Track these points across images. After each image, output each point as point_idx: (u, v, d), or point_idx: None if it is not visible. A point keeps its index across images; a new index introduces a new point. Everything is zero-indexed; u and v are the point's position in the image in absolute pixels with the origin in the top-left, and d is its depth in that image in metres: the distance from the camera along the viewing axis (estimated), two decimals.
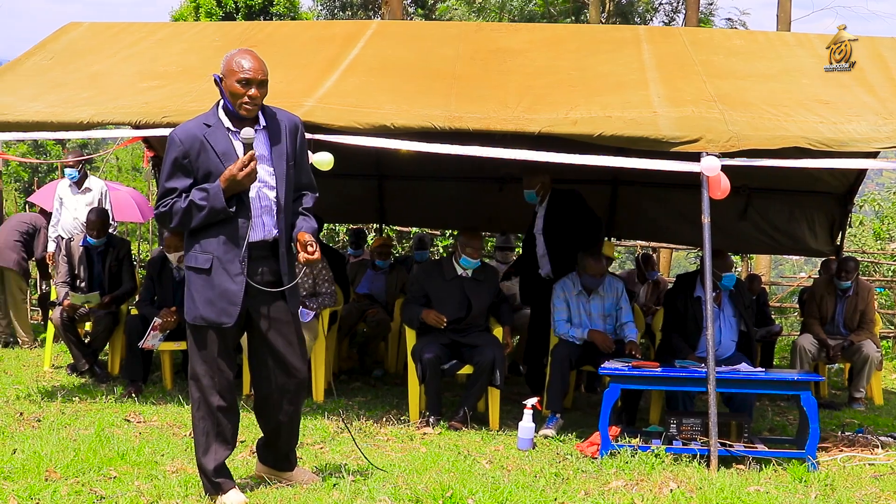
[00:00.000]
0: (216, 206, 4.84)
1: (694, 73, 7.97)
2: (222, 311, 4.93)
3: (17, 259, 11.27)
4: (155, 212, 5.04)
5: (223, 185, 4.84)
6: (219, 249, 4.93)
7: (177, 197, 4.90)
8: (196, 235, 4.97)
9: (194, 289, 4.96)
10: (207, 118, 5.00)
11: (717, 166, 6.50)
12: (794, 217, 11.33)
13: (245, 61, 4.92)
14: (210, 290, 4.92)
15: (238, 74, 4.89)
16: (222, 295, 4.92)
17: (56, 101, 7.91)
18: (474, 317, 7.95)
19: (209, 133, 4.93)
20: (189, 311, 4.99)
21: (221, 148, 4.93)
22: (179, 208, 4.89)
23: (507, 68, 8.28)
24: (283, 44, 9.04)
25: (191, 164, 4.91)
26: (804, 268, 29.35)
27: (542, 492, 5.51)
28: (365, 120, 7.15)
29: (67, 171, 11.00)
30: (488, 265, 8.31)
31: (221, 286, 4.92)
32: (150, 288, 9.00)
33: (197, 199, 4.86)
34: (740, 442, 6.63)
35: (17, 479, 5.32)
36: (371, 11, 30.16)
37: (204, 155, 4.90)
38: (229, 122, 4.99)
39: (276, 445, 5.37)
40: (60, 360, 10.10)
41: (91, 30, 9.69)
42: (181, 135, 4.93)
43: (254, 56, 4.97)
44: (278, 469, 5.44)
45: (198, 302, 4.94)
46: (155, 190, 12.94)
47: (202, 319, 4.93)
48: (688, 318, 7.93)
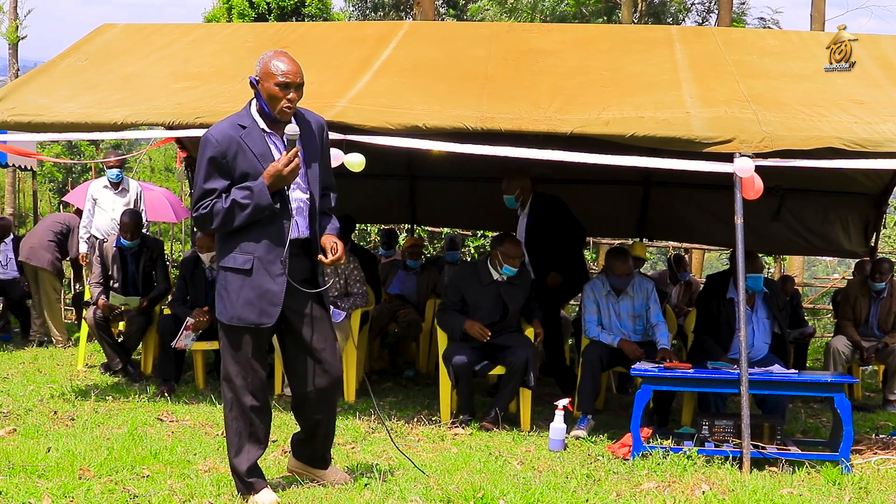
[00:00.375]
0: (262, 202, 4.84)
1: (727, 73, 7.93)
2: (262, 311, 4.93)
3: (50, 259, 11.35)
4: (194, 214, 4.98)
5: (268, 182, 4.85)
6: (259, 250, 4.93)
7: (216, 198, 4.88)
8: (234, 236, 4.96)
9: (231, 290, 4.95)
10: (241, 119, 5.00)
11: (751, 167, 6.46)
12: (827, 218, 11.26)
13: (283, 64, 4.92)
14: (250, 291, 4.92)
15: (277, 77, 4.89)
16: (263, 295, 4.93)
17: (90, 102, 7.97)
18: (509, 320, 7.95)
19: (245, 134, 4.93)
20: (224, 311, 4.98)
21: (259, 149, 4.94)
22: (221, 209, 4.87)
23: (538, 69, 8.26)
24: (316, 45, 9.06)
25: (228, 165, 4.90)
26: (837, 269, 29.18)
27: (574, 493, 5.50)
28: (397, 120, 7.15)
29: (110, 172, 11.03)
30: (522, 267, 8.29)
31: (262, 286, 4.92)
32: (183, 288, 9.04)
33: (239, 198, 4.84)
34: (773, 444, 6.59)
35: (51, 477, 5.36)
36: (403, 12, 30.19)
37: (241, 156, 4.90)
38: (264, 124, 5.01)
39: (313, 443, 5.38)
40: (94, 359, 10.16)
41: (125, 31, 9.75)
42: (217, 135, 4.91)
43: (291, 59, 4.98)
44: (313, 466, 5.45)
45: (236, 303, 4.93)
46: (187, 190, 13.02)
47: (240, 320, 4.93)
48: (720, 319, 7.89)
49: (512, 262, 7.85)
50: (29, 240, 11.51)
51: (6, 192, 18.71)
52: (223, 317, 4.99)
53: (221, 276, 5.02)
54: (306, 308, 5.10)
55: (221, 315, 5.00)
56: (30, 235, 11.71)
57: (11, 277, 11.84)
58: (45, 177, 26.77)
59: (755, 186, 6.49)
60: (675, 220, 12.29)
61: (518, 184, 8.75)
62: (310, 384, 5.15)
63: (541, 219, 8.74)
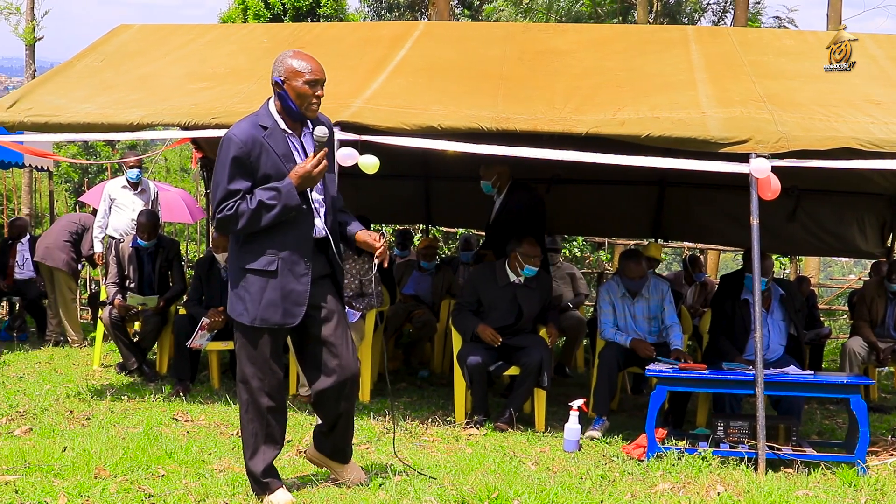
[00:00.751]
0: (290, 203, 4.85)
1: (743, 74, 7.91)
2: (287, 312, 4.94)
3: (66, 259, 11.38)
4: (218, 215, 4.92)
5: (296, 182, 4.86)
6: (284, 251, 4.94)
7: (240, 199, 4.86)
8: (256, 237, 4.94)
9: (253, 291, 4.93)
10: (261, 120, 4.99)
11: (767, 168, 6.44)
12: (843, 218, 11.23)
13: (308, 62, 4.95)
14: (274, 292, 4.91)
15: (305, 75, 4.92)
16: (287, 296, 4.93)
17: (106, 103, 8.00)
18: (523, 323, 7.96)
19: (268, 135, 4.93)
20: (244, 313, 4.96)
21: (282, 150, 4.95)
22: (246, 209, 4.84)
23: (554, 69, 8.26)
24: (331, 45, 9.07)
25: (251, 166, 4.89)
26: (853, 270, 29.09)
27: (588, 494, 5.50)
28: (412, 121, 7.16)
29: (130, 172, 11.04)
30: (543, 273, 8.26)
31: (287, 287, 4.93)
32: (198, 288, 9.06)
33: (266, 198, 4.83)
34: (788, 445, 6.57)
35: (67, 476, 5.39)
36: (418, 13, 30.20)
37: (265, 156, 4.90)
38: (285, 125, 5.02)
39: (334, 437, 5.38)
40: (110, 359, 10.20)
41: (141, 32, 9.78)
42: (241, 136, 4.89)
43: (312, 57, 5.01)
44: (332, 459, 5.45)
45: (259, 304, 4.91)
46: (203, 190, 13.05)
47: (263, 321, 4.93)
48: (735, 320, 7.88)
49: (532, 261, 7.86)
50: (45, 240, 11.56)
51: (23, 192, 18.78)
52: (244, 318, 4.97)
53: (240, 277, 4.99)
54: (324, 303, 5.11)
55: (242, 317, 4.98)
56: (45, 235, 11.76)
57: (28, 277, 11.89)
58: (62, 177, 26.87)
59: (772, 186, 6.46)
60: (690, 221, 12.27)
61: (496, 170, 8.69)
62: (329, 379, 5.15)
63: (512, 206, 8.69)
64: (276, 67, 4.99)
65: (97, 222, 11.20)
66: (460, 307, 8.02)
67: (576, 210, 12.16)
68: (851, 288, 16.96)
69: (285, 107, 4.99)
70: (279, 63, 4.99)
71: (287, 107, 4.99)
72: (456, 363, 7.82)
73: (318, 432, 5.46)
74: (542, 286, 8.10)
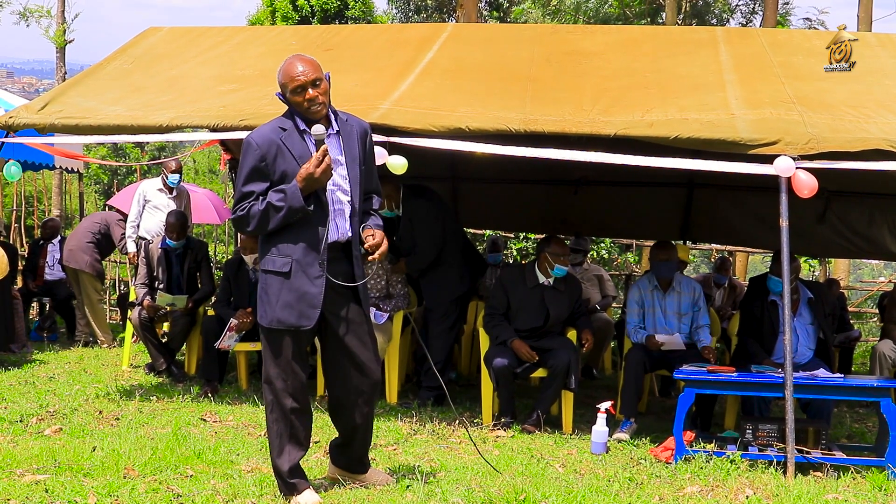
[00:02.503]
0: (294, 205, 4.86)
1: (772, 75, 7.87)
2: (301, 314, 4.95)
3: (89, 261, 11.42)
4: (232, 216, 5.05)
5: (300, 184, 4.87)
6: (297, 252, 4.95)
7: (254, 200, 4.93)
8: (273, 238, 4.99)
9: (271, 292, 4.98)
10: (283, 122, 5.05)
11: (792, 167, 6.40)
12: (874, 221, 11.14)
13: (292, 68, 4.96)
14: (289, 294, 4.94)
15: (290, 84, 4.96)
16: (301, 298, 4.95)
17: (136, 105, 8.04)
18: (551, 325, 7.95)
19: (285, 137, 4.97)
20: (264, 315, 5.01)
21: (298, 151, 4.97)
22: (257, 211, 4.91)
23: (582, 70, 8.24)
24: (359, 47, 9.09)
25: (268, 168, 4.94)
26: (884, 272, 28.87)
27: (616, 496, 5.48)
28: (440, 123, 7.16)
29: (172, 177, 11.08)
30: (573, 276, 8.24)
31: (301, 289, 4.94)
32: (227, 289, 9.09)
33: (274, 200, 4.88)
34: (818, 449, 6.53)
35: (96, 476, 5.42)
36: (446, 15, 30.21)
37: (281, 158, 4.93)
38: (304, 125, 5.04)
39: (351, 448, 5.39)
40: (138, 359, 10.25)
41: (170, 34, 9.84)
42: (258, 139, 4.96)
43: (299, 59, 5.00)
44: (351, 472, 5.46)
45: (275, 306, 4.95)
46: (231, 192, 13.10)
47: (279, 323, 4.96)
48: (764, 322, 7.84)
49: (561, 261, 7.86)
50: (69, 242, 11.63)
51: (53, 193, 18.90)
52: (264, 320, 5.02)
53: (262, 278, 5.06)
54: (344, 311, 5.12)
55: (262, 318, 5.03)
56: (70, 238, 11.82)
57: (58, 278, 11.97)
58: (91, 178, 27.06)
59: (809, 184, 6.39)
60: (718, 223, 12.20)
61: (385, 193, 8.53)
62: (347, 387, 5.18)
63: (406, 219, 8.61)
64: (277, 78, 5.05)
65: (130, 221, 11.22)
66: (492, 313, 8.00)
67: (603, 212, 12.14)
68: (881, 291, 16.83)
69: (295, 112, 5.05)
70: (277, 74, 5.05)
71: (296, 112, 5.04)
72: (483, 365, 7.82)
73: (335, 445, 5.47)
74: (570, 289, 8.07)
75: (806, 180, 6.39)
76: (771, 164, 6.49)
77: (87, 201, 17.19)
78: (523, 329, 7.79)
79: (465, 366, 10.58)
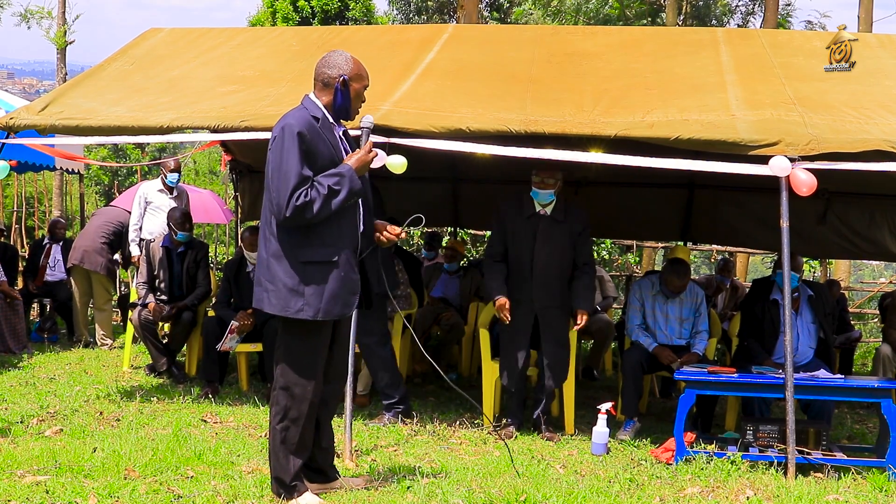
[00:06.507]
0: (355, 187, 4.91)
1: (773, 76, 7.87)
2: (345, 303, 4.96)
3: (104, 263, 11.35)
4: (296, 203, 4.76)
5: (355, 167, 4.95)
6: (342, 241, 4.96)
7: (309, 186, 4.83)
8: (314, 229, 4.90)
9: (316, 284, 4.87)
10: (312, 111, 5.03)
11: (788, 167, 6.38)
12: (874, 221, 11.13)
13: (363, 68, 5.15)
14: (335, 283, 4.89)
15: (365, 81, 5.16)
16: (346, 285, 4.94)
17: (137, 106, 8.04)
18: (546, 264, 7.45)
19: (321, 125, 5.00)
20: (304, 308, 4.86)
21: (333, 140, 5.03)
22: (319, 194, 4.80)
23: (582, 71, 8.25)
24: (359, 48, 9.05)
25: (314, 153, 4.90)
26: (884, 273, 28.85)
27: (617, 497, 5.49)
28: (440, 123, 7.16)
29: (171, 176, 11.06)
30: (572, 206, 7.69)
31: (347, 277, 4.95)
32: (227, 290, 9.09)
33: (332, 183, 4.84)
34: (818, 450, 6.54)
35: (97, 477, 5.42)
36: (446, 16, 30.21)
37: (322, 145, 4.94)
38: (332, 118, 5.11)
39: (326, 443, 5.32)
40: (139, 360, 10.25)
41: (171, 35, 9.84)
42: (302, 125, 4.89)
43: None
44: (328, 480, 5.35)
45: (323, 297, 4.87)
46: (232, 193, 13.09)
47: (327, 314, 4.88)
48: (765, 322, 7.85)
49: (537, 182, 7.40)
50: (81, 242, 11.54)
51: (54, 194, 18.92)
52: (305, 313, 4.86)
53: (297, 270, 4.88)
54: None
55: (302, 312, 4.86)
56: (81, 237, 11.73)
57: (59, 279, 11.94)
58: (92, 180, 27.06)
59: (808, 183, 6.36)
60: (719, 224, 12.19)
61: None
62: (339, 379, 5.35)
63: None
64: (339, 65, 5.06)
65: (132, 224, 11.16)
66: (490, 261, 7.67)
67: (604, 212, 12.09)
68: (882, 291, 16.83)
69: (337, 103, 5.07)
70: (343, 62, 5.08)
71: (339, 103, 5.08)
72: (484, 363, 7.81)
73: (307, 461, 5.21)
74: (571, 219, 7.52)
75: (804, 178, 6.36)
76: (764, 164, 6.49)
77: (87, 202, 17.19)
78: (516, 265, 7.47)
79: (466, 367, 10.58)
